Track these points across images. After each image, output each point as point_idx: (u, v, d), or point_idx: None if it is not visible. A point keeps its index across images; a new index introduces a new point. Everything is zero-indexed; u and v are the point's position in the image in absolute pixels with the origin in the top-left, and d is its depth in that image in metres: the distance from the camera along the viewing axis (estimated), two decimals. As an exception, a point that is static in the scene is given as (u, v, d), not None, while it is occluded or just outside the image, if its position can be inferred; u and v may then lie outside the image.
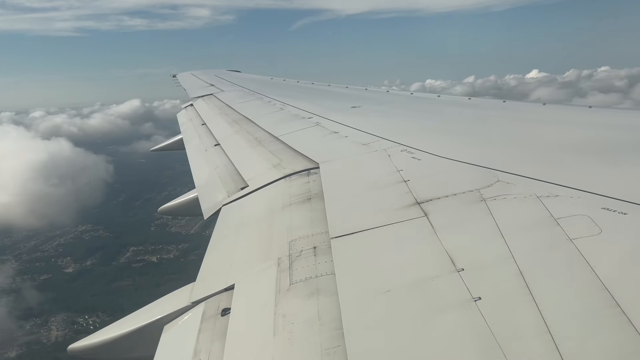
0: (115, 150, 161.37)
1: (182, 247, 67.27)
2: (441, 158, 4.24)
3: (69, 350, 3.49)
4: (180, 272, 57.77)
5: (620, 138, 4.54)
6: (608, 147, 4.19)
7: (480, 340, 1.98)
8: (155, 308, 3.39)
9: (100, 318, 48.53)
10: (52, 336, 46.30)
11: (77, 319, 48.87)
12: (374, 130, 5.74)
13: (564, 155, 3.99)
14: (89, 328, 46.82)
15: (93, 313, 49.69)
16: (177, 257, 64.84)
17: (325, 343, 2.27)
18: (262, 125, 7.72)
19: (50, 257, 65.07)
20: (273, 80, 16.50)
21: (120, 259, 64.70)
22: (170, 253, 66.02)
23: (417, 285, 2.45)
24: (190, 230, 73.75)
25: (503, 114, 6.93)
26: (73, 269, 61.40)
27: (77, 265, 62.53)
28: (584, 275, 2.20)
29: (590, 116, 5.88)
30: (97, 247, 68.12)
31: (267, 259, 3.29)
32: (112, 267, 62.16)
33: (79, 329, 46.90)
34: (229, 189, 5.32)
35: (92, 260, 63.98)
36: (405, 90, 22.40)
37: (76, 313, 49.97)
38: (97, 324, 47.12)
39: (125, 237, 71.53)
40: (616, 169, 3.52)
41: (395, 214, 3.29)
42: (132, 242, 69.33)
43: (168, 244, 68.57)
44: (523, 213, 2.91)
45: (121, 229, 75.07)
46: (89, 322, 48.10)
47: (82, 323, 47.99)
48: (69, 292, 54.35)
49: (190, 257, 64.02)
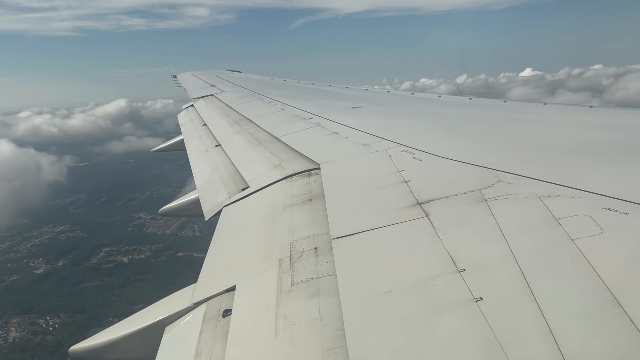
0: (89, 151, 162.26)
1: (155, 248, 67.44)
2: (442, 158, 4.24)
3: (71, 352, 3.49)
4: (148, 273, 58.44)
5: (621, 138, 4.53)
6: (609, 147, 4.18)
7: (482, 341, 1.98)
8: (156, 309, 3.39)
9: (62, 319, 48.64)
10: (10, 337, 46.18)
11: (38, 320, 48.70)
12: (374, 131, 5.74)
13: (565, 155, 3.99)
14: (48, 329, 47.06)
15: (55, 314, 49.60)
16: (148, 257, 64.97)
17: (326, 344, 2.27)
18: (263, 126, 7.72)
19: (22, 258, 64.97)
20: (273, 81, 16.51)
21: (93, 259, 64.65)
22: (142, 253, 66.12)
23: (418, 286, 2.45)
24: (166, 231, 74.24)
25: (504, 114, 6.93)
26: (43, 270, 61.23)
27: (49, 266, 62.37)
28: (586, 275, 2.20)
29: (591, 116, 5.88)
30: (71, 247, 68.07)
31: (268, 260, 3.29)
32: (82, 267, 62.05)
33: (38, 330, 46.90)
34: (230, 189, 5.32)
35: (64, 261, 63.90)
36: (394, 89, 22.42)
37: (38, 314, 49.79)
38: (56, 325, 47.38)
39: (101, 237, 71.45)
40: (617, 169, 3.51)
41: (396, 215, 3.29)
42: (107, 242, 69.29)
43: (142, 244, 68.62)
44: (524, 213, 2.91)
45: (98, 230, 75.07)
46: (49, 323, 48.04)
47: (42, 324, 47.91)
48: (35, 293, 54.08)
49: (161, 257, 64.66)
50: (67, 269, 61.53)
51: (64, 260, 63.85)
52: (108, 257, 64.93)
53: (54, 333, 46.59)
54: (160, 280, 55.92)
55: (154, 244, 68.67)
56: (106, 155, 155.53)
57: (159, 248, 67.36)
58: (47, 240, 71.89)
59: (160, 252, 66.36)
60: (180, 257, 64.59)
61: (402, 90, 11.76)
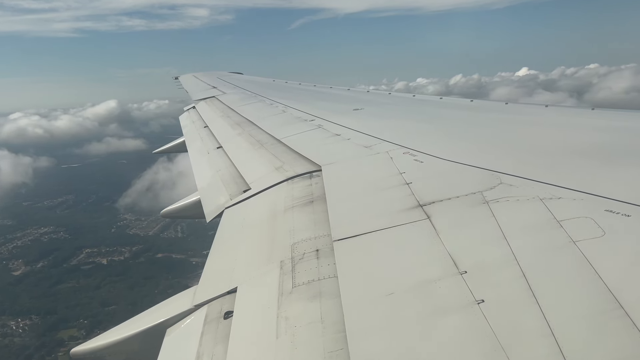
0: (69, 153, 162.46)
1: (135, 249, 67.37)
2: (443, 160, 4.24)
3: (72, 354, 3.49)
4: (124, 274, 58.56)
5: (623, 140, 4.52)
6: (611, 149, 4.17)
7: (484, 343, 1.98)
8: (158, 311, 3.39)
9: (32, 321, 48.50)
10: (-21, 340, 45.95)
11: (9, 322, 48.55)
12: (376, 133, 5.74)
13: (567, 158, 3.98)
14: (18, 331, 47.00)
15: (26, 316, 49.43)
16: (127, 258, 64.92)
17: (328, 346, 2.27)
18: (264, 128, 7.73)
19: (2, 260, 64.60)
20: (275, 83, 16.53)
21: (72, 261, 64.50)
22: (122, 255, 66.02)
23: (419, 288, 2.45)
24: (149, 232, 74.31)
25: (505, 116, 6.92)
26: (21, 272, 60.99)
27: (28, 267, 62.18)
28: (588, 277, 2.19)
29: (593, 118, 5.87)
30: (52, 249, 67.88)
31: (269, 262, 3.29)
32: (61, 269, 61.89)
33: (7, 332, 46.81)
34: (231, 191, 5.32)
35: (44, 262, 63.66)
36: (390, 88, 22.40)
37: (10, 316, 49.65)
38: (26, 327, 47.27)
39: (83, 238, 71.37)
40: (619, 171, 3.50)
41: (398, 217, 3.29)
42: (88, 244, 69.21)
43: (123, 245, 68.54)
44: (526, 215, 2.90)
45: (82, 231, 74.92)
46: (20, 325, 47.93)
47: (13, 326, 47.81)
48: (10, 295, 53.88)
49: (140, 259, 64.63)
50: (46, 271, 61.45)
51: (43, 262, 63.73)
52: (88, 259, 64.94)
53: (22, 335, 46.54)
54: (134, 281, 56.32)
55: (134, 245, 68.71)
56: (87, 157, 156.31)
57: (139, 249, 67.38)
58: (29, 242, 71.69)
59: (140, 253, 66.39)
60: (158, 259, 64.71)
61: (401, 92, 11.73)
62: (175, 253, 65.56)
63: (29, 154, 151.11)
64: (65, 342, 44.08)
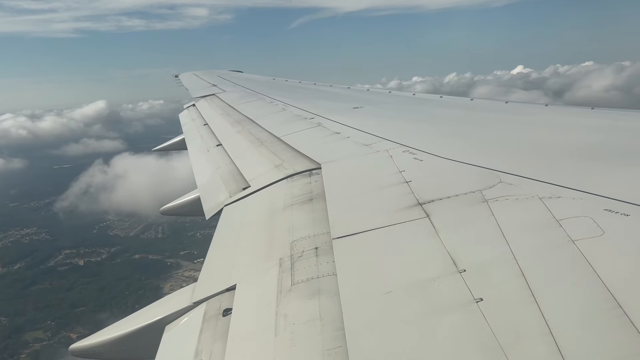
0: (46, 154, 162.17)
1: (113, 250, 67.44)
2: (443, 159, 4.24)
3: (71, 350, 3.50)
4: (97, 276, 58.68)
5: (622, 139, 4.52)
6: (610, 148, 4.17)
7: (482, 342, 1.98)
8: (156, 308, 3.39)
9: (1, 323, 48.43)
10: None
11: None
12: (375, 131, 5.74)
13: (566, 157, 3.98)
14: None
15: None
16: (104, 260, 65.03)
17: (326, 344, 2.27)
18: (264, 126, 7.73)
19: None
20: (275, 81, 16.51)
21: (50, 262, 64.33)
22: (100, 256, 66.07)
23: (418, 286, 2.45)
24: (130, 233, 74.36)
25: (505, 115, 6.92)
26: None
27: (4, 269, 61.97)
28: (586, 276, 2.20)
29: (593, 117, 5.86)
30: (31, 250, 67.74)
31: (268, 260, 3.29)
32: (36, 270, 61.78)
33: None
34: (230, 189, 5.32)
35: (21, 263, 63.50)
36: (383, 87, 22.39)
37: None
38: None
39: (64, 240, 71.17)
40: (619, 171, 3.50)
41: (397, 215, 3.29)
42: (68, 245, 69.06)
43: (102, 246, 68.63)
44: (525, 214, 2.90)
45: (64, 232, 74.71)
46: None
47: None
48: None
49: (117, 260, 64.78)
50: (21, 272, 61.31)
51: (20, 263, 63.61)
52: (65, 260, 64.83)
53: (-12, 337, 46.45)
54: (106, 282, 56.43)
55: (113, 246, 68.76)
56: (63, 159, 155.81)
57: (117, 250, 67.45)
58: (9, 243, 71.58)
59: (117, 254, 66.50)
60: (134, 260, 64.83)
61: (394, 90, 11.72)
62: (153, 254, 65.72)
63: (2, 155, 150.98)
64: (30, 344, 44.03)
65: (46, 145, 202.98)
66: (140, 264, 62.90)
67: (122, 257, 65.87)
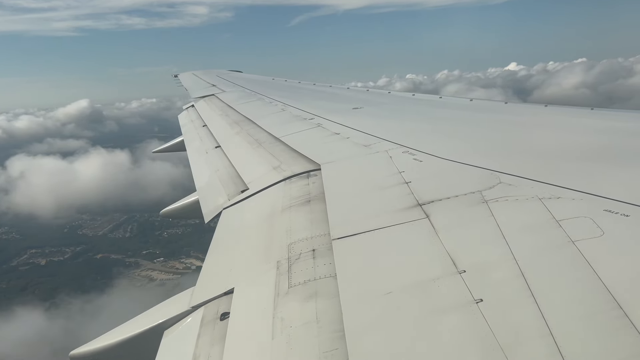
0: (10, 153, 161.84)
1: (79, 249, 67.07)
2: (443, 160, 4.23)
3: (71, 356, 3.48)
4: (53, 276, 58.35)
5: (622, 140, 4.51)
6: (610, 149, 4.16)
7: (482, 343, 1.97)
8: (155, 313, 3.38)
9: None
10: None
11: None
12: (375, 132, 5.73)
13: (566, 157, 3.97)
14: None
15: None
16: (66, 259, 64.67)
17: (323, 346, 2.26)
18: (263, 127, 7.71)
19: None
20: (274, 81, 16.51)
21: (14, 262, 63.88)
22: (63, 255, 65.64)
23: (418, 287, 2.44)
24: (98, 232, 74.09)
25: (505, 116, 6.91)
26: None
27: None
28: (586, 277, 2.18)
29: (593, 118, 5.85)
30: None
31: (266, 262, 3.28)
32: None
33: None
34: (229, 192, 5.31)
35: None
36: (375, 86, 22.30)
37: None
38: None
39: (32, 239, 70.74)
40: (618, 171, 3.49)
41: (397, 216, 3.28)
42: (35, 244, 68.61)
43: (68, 246, 68.18)
44: (525, 215, 2.89)
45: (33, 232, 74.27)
46: None
47: None
48: None
49: (79, 259, 64.50)
50: None
51: None
52: (29, 259, 64.39)
53: None
54: (60, 282, 56.11)
55: (79, 246, 68.37)
56: None
57: (82, 249, 67.09)
58: None
59: (81, 253, 66.13)
60: (96, 259, 64.59)
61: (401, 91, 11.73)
62: (115, 253, 65.38)
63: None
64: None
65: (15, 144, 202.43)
66: (99, 264, 62.51)
67: (85, 257, 65.49)
